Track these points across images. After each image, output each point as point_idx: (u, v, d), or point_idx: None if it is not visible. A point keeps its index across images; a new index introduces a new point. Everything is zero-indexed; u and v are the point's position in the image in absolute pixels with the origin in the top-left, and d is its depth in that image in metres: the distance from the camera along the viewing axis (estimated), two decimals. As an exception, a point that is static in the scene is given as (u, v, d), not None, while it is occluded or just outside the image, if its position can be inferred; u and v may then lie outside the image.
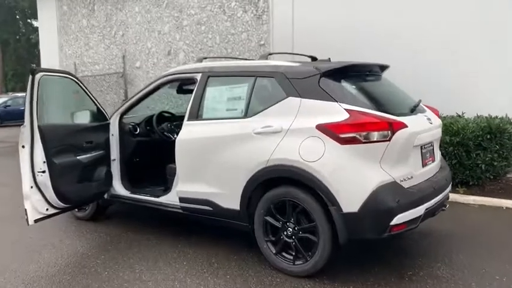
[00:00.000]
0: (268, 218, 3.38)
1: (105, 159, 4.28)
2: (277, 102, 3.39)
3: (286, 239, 3.32)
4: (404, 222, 3.02)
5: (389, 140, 3.02)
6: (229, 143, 3.53)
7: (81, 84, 4.10)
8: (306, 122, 3.18)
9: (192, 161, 3.81)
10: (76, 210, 4.73)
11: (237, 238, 3.93)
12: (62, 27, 12.22)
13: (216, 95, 3.84)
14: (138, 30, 10.54)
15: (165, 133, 4.62)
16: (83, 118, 4.29)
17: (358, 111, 3.07)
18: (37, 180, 3.52)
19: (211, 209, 3.69)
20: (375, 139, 3.00)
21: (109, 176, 4.32)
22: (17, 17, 36.77)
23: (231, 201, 3.55)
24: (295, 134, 3.20)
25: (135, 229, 4.50)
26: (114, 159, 4.50)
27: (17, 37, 36.70)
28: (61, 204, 3.74)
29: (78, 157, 3.87)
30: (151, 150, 4.74)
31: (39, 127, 3.49)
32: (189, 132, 3.84)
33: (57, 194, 3.65)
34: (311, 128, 3.12)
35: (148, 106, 6.07)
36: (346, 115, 3.05)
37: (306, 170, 3.09)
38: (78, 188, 3.88)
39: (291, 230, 3.29)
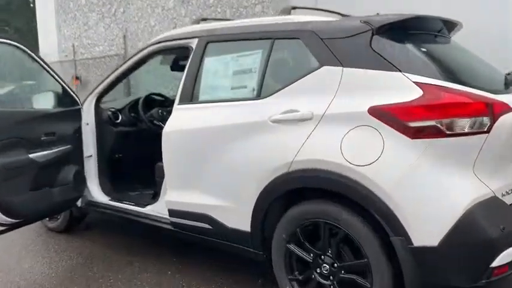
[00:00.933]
0: (293, 247, 2.29)
1: (74, 156, 3.22)
2: (305, 75, 2.27)
3: (321, 280, 2.21)
4: (510, 262, 1.91)
5: (487, 132, 1.89)
6: (235, 135, 2.44)
7: (36, 57, 3.03)
8: (351, 104, 2.06)
9: (184, 160, 2.73)
10: (47, 219, 3.75)
11: (250, 266, 2.86)
12: (60, 6, 11.20)
13: (217, 68, 2.74)
14: (140, 7, 9.44)
15: (155, 121, 3.54)
16: (44, 102, 3.24)
17: (436, 85, 1.94)
18: None
19: (210, 227, 2.62)
20: (466, 130, 1.88)
21: (80, 177, 3.27)
22: (31, 5, 35.97)
23: (239, 219, 2.47)
24: (335, 122, 2.09)
25: (117, 245, 3.47)
26: (89, 156, 3.45)
27: (30, 25, 35.90)
28: (6, 220, 2.72)
29: (31, 155, 2.82)
30: (138, 143, 3.69)
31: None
32: (179, 121, 2.75)
33: (-4, 205, 2.63)
34: (361, 113, 2.00)
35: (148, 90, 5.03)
36: (419, 91, 1.92)
37: (352, 179, 1.98)
38: (32, 196, 2.84)
39: (327, 267, 2.18)
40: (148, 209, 3.10)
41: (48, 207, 2.99)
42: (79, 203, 3.39)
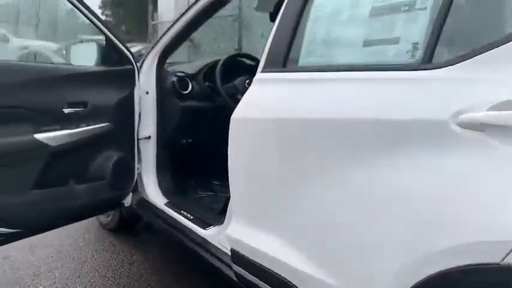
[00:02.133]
0: None
1: (117, 139, 2.20)
2: None
3: None
4: None
5: None
6: (375, 146, 1.14)
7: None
8: None
9: (262, 174, 1.51)
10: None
11: None
12: (179, -38, 10.59)
13: (338, 5, 1.43)
14: (259, -40, 8.30)
15: (238, 96, 2.37)
16: (81, 56, 2.27)
17: None
18: None
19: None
20: None
21: (125, 169, 2.26)
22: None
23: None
24: None
25: (170, 262, 2.47)
26: (147, 137, 2.43)
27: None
28: None
29: (39, 135, 1.85)
30: (211, 126, 2.57)
31: None
32: (260, 102, 1.53)
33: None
34: None
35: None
36: None
37: None
38: (38, 197, 1.89)
39: None
40: (210, 233, 1.99)
41: (64, 212, 2.02)
42: (127, 201, 2.40)
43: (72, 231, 2.85)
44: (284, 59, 1.49)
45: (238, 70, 2.53)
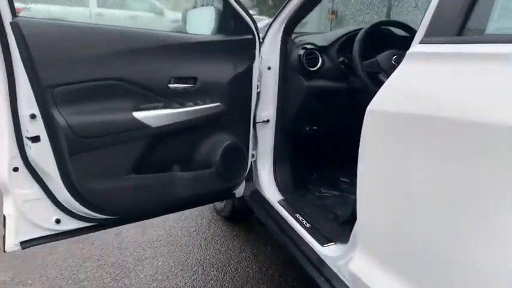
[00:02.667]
0: None
1: (230, 121, 1.87)
2: None
3: None
4: None
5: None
6: None
7: None
8: None
9: (412, 192, 1.02)
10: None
11: None
12: None
13: None
14: None
15: (380, 76, 1.83)
16: (199, 23, 1.97)
17: None
18: (28, 156, 1.48)
19: None
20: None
21: (237, 157, 1.92)
22: None
23: None
24: None
25: (282, 265, 2.11)
26: (265, 121, 2.07)
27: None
28: (89, 213, 1.63)
29: (139, 113, 1.60)
30: (345, 113, 2.09)
31: (14, 24, 1.34)
32: (417, 88, 1.01)
33: (73, 191, 1.54)
34: None
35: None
36: None
37: None
38: (136, 183, 1.66)
39: None
40: (328, 253, 1.56)
41: (164, 201, 1.77)
42: (239, 191, 2.09)
43: (187, 212, 2.69)
44: (461, 23, 0.95)
45: (384, 42, 1.98)
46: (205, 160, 1.82)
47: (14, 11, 1.35)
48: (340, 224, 1.83)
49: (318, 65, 1.99)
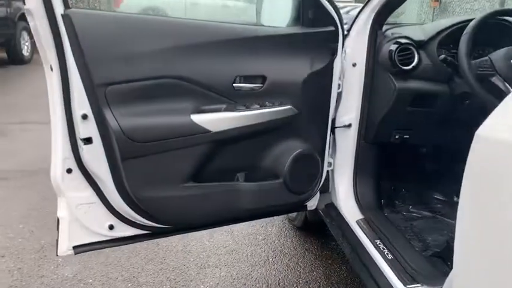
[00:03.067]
0: None
1: (303, 127, 1.63)
2: None
3: None
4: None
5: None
6: None
7: None
8: None
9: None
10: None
11: None
12: None
13: None
14: None
15: (494, 79, 1.46)
16: (274, 13, 1.74)
17: None
18: (81, 157, 1.38)
19: None
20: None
21: (310, 166, 1.68)
22: None
23: None
24: None
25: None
26: (347, 126, 1.81)
27: None
28: (144, 221, 1.51)
29: (197, 116, 1.42)
30: (444, 120, 1.73)
31: (66, 17, 1.22)
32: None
33: (126, 198, 1.42)
34: None
35: None
36: None
37: None
38: (191, 192, 1.49)
39: None
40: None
41: (223, 212, 1.58)
42: (312, 203, 1.85)
43: (258, 216, 2.51)
44: None
45: (498, 37, 1.60)
46: (272, 170, 1.61)
47: (66, 2, 1.24)
48: (430, 257, 1.52)
49: (413, 63, 1.66)
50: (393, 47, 1.66)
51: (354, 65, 1.75)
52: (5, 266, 2.01)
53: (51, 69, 1.31)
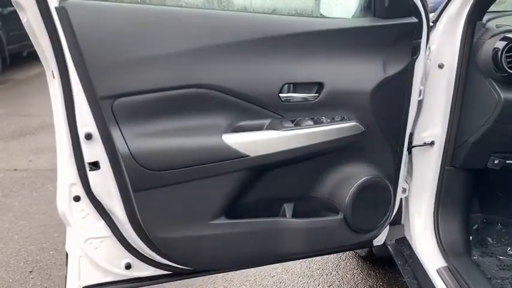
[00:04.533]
0: None
1: (370, 147, 1.26)
2: None
3: None
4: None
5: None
6: None
7: None
8: None
9: None
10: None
11: None
12: None
13: None
14: None
15: None
16: (339, 3, 1.36)
17: None
18: (90, 183, 1.13)
19: None
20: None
21: (378, 197, 1.30)
22: None
23: None
24: None
25: None
26: (429, 143, 1.41)
27: None
28: (161, 260, 1.22)
29: (229, 136, 1.09)
30: None
31: (61, 10, 0.94)
32: None
33: (143, 236, 1.14)
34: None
35: None
36: None
37: None
38: (222, 231, 1.17)
39: None
40: None
41: (263, 253, 1.25)
42: (379, 239, 1.47)
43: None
44: None
45: None
46: (329, 202, 1.26)
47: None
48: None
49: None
50: (499, 44, 1.23)
51: (441, 66, 1.36)
52: (31, 284, 1.84)
53: (53, 76, 1.05)
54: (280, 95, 1.14)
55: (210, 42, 1.06)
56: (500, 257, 1.46)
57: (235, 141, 1.08)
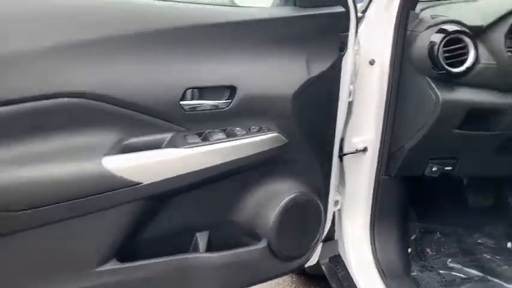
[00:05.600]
0: None
1: (294, 160, 1.06)
2: None
3: None
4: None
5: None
6: None
7: None
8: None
9: None
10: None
11: None
12: None
13: None
14: None
15: None
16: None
17: None
18: None
19: None
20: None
21: (306, 216, 1.11)
22: None
23: None
24: None
25: None
26: (361, 150, 1.24)
27: None
28: None
29: (111, 159, 0.82)
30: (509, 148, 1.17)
31: None
32: None
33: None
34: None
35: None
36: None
37: None
38: (116, 279, 0.93)
39: None
40: None
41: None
42: (312, 260, 1.29)
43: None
44: None
45: None
46: (249, 228, 1.05)
47: None
48: None
49: (468, 63, 1.08)
50: (435, 37, 1.07)
51: (372, 62, 1.19)
52: None
53: None
54: (182, 102, 0.90)
55: (84, 36, 0.79)
56: (441, 271, 1.34)
57: (121, 165, 0.83)
